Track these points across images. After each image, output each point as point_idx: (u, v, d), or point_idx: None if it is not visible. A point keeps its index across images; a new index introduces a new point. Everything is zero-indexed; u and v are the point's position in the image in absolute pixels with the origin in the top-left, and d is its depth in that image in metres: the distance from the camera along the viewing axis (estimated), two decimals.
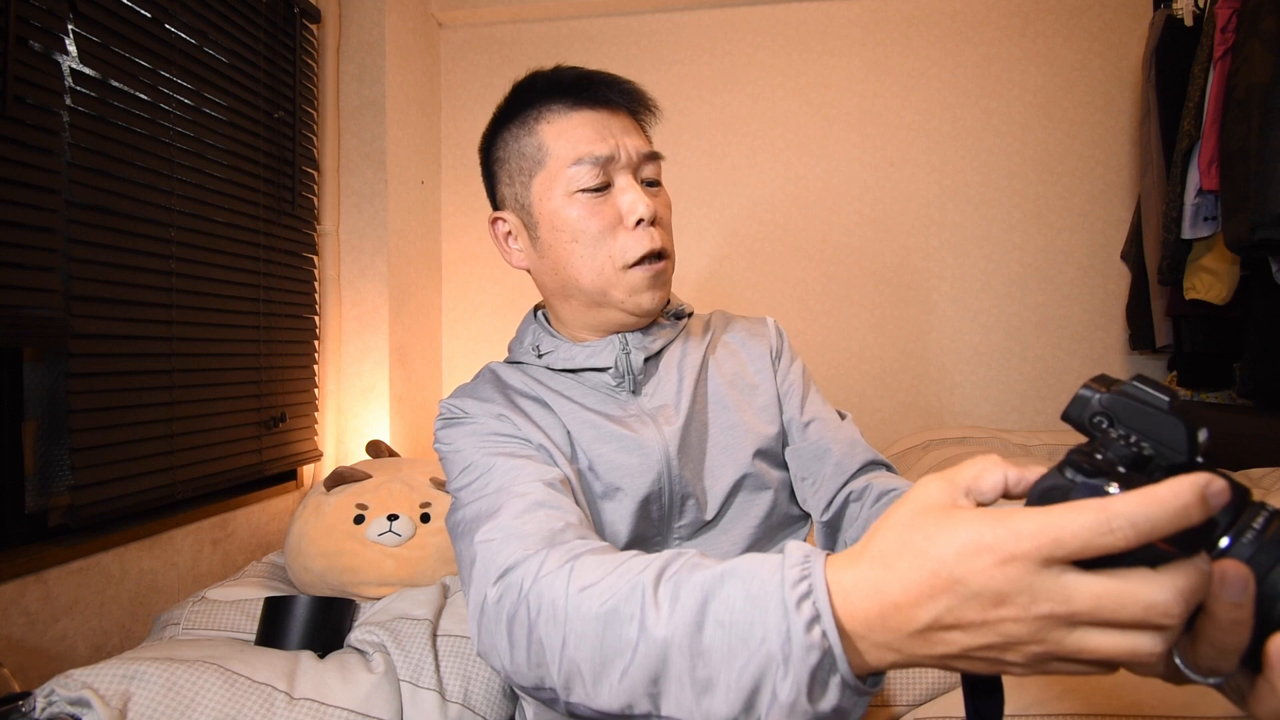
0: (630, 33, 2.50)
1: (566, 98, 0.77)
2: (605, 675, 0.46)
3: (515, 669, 0.53)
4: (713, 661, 0.41)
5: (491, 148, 0.83)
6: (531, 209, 0.78)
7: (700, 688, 0.42)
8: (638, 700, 0.45)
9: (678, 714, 0.43)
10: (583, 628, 0.47)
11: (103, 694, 0.91)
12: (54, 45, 1.28)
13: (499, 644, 0.54)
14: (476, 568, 0.59)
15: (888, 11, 2.39)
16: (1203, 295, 1.88)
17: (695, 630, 0.42)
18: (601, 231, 0.75)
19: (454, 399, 0.80)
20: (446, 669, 1.09)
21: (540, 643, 0.50)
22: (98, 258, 1.38)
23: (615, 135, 0.76)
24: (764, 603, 0.40)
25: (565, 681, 0.49)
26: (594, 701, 0.47)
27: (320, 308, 2.15)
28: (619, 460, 0.76)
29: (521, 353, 0.86)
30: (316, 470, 2.14)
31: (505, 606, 0.54)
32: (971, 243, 2.38)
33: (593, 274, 0.77)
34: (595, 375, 0.82)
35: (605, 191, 0.76)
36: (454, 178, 2.58)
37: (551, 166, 0.76)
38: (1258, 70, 1.56)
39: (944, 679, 1.04)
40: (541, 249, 0.80)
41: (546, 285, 0.83)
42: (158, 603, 1.53)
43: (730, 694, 0.40)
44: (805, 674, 0.38)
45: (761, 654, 0.39)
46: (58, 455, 1.42)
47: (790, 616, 0.38)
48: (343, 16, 2.21)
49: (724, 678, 0.41)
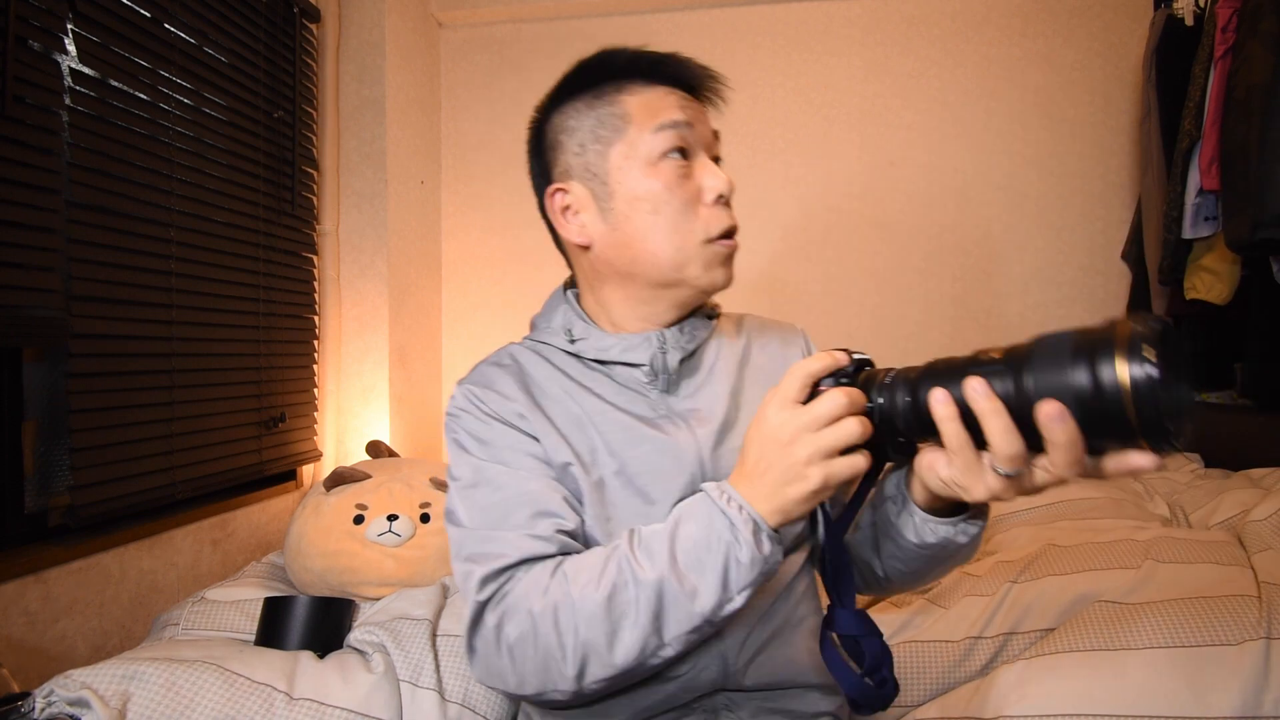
0: (630, 33, 2.50)
1: (646, 73, 0.76)
2: (618, 637, 0.59)
3: (522, 682, 0.62)
4: (693, 571, 0.59)
5: (553, 118, 0.80)
6: (608, 178, 0.75)
7: (690, 595, 0.58)
8: (648, 640, 0.59)
9: (679, 629, 0.59)
10: (593, 610, 0.59)
11: (102, 694, 0.91)
12: (53, 45, 1.28)
13: (503, 669, 0.63)
14: (471, 582, 0.66)
15: (888, 11, 2.39)
16: (1203, 295, 1.88)
17: (673, 562, 0.59)
18: (685, 204, 0.74)
19: (474, 386, 0.77)
20: (446, 669, 1.09)
21: (547, 646, 0.60)
22: (98, 258, 1.38)
23: (695, 108, 0.77)
24: (709, 520, 0.60)
25: (580, 664, 0.59)
26: (612, 665, 0.59)
27: (320, 308, 2.14)
28: (652, 463, 0.74)
29: (550, 334, 0.82)
30: (316, 470, 2.14)
31: (507, 631, 0.62)
32: (971, 243, 2.37)
33: (673, 247, 0.74)
34: (626, 371, 0.79)
35: (688, 163, 0.75)
36: (454, 178, 2.58)
37: (633, 134, 0.74)
38: (1258, 70, 1.56)
39: (944, 679, 1.04)
40: (615, 221, 0.76)
41: (611, 261, 0.77)
42: (157, 603, 1.53)
43: (711, 584, 0.58)
44: (750, 538, 0.58)
45: (720, 545, 0.59)
46: (57, 455, 1.42)
47: (729, 513, 0.59)
48: (343, 16, 2.21)
49: (704, 577, 0.58)
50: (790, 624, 0.77)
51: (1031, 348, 0.47)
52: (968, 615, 1.09)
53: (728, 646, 0.73)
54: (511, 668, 0.62)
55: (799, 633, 0.78)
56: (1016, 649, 1.01)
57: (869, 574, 0.78)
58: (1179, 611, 0.94)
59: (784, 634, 0.76)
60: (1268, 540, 1.08)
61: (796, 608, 0.78)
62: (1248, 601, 0.94)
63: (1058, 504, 1.52)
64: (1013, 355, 0.48)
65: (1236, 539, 1.12)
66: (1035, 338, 0.48)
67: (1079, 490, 1.56)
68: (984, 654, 1.03)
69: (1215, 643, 0.90)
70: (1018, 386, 0.47)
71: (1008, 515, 1.53)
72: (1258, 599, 0.94)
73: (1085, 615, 0.98)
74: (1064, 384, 0.44)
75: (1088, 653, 0.93)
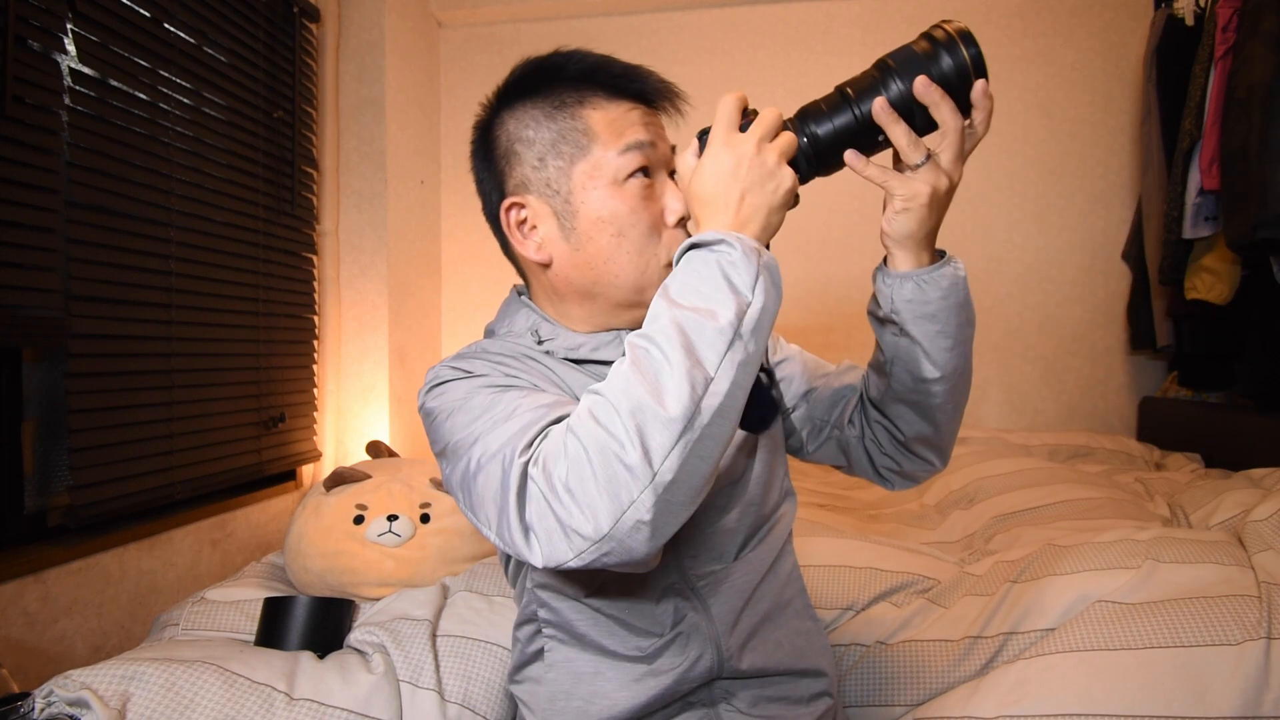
0: (630, 33, 2.50)
1: (608, 86, 0.74)
2: (661, 385, 0.54)
3: (595, 514, 0.53)
4: (698, 298, 0.57)
5: (505, 122, 0.76)
6: (571, 197, 0.73)
7: (708, 315, 0.56)
8: (692, 374, 0.54)
9: (714, 352, 0.55)
10: (625, 381, 0.55)
11: (102, 694, 0.91)
12: (53, 45, 1.28)
13: (570, 516, 0.54)
14: (506, 463, 0.58)
15: (888, 11, 2.39)
16: (1204, 295, 1.88)
17: (676, 305, 0.57)
18: (650, 227, 0.73)
19: (454, 362, 0.73)
20: (446, 669, 1.09)
21: (600, 444, 0.53)
22: (97, 258, 1.38)
23: (656, 124, 0.76)
24: (687, 261, 0.60)
25: (639, 436, 0.53)
26: (669, 419, 0.53)
27: (320, 308, 2.14)
28: None
29: (514, 336, 0.80)
30: (316, 470, 2.14)
31: (557, 470, 0.54)
32: (972, 242, 2.38)
33: (636, 271, 0.73)
34: (600, 368, 0.77)
35: (651, 182, 0.74)
36: (454, 177, 2.58)
37: (597, 153, 0.72)
38: (1258, 70, 1.56)
39: (943, 678, 1.04)
40: (578, 241, 0.73)
41: (571, 280, 0.75)
42: (157, 603, 1.53)
43: (720, 295, 0.57)
44: (734, 243, 0.58)
45: (709, 263, 0.58)
46: (57, 455, 1.42)
47: (701, 242, 0.60)
48: (342, 16, 2.21)
49: (712, 294, 0.57)
50: (779, 606, 0.79)
51: (889, 66, 0.65)
52: (967, 615, 1.09)
53: (720, 632, 0.74)
54: (576, 506, 0.53)
55: (787, 614, 0.80)
56: (1016, 649, 1.01)
57: (923, 394, 0.77)
58: (1179, 611, 0.94)
59: (774, 617, 0.78)
60: (1268, 540, 1.07)
61: (783, 589, 0.80)
62: (1248, 601, 0.94)
63: (1058, 504, 1.52)
64: (883, 70, 0.65)
65: (1236, 539, 1.12)
66: (878, 62, 0.66)
67: (1079, 490, 1.56)
68: (983, 654, 1.03)
69: (1215, 643, 0.90)
70: (897, 89, 0.64)
71: (1008, 515, 1.53)
72: (1258, 599, 0.94)
73: (1085, 615, 0.98)
74: (928, 71, 0.64)
75: (1087, 653, 0.92)
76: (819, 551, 1.29)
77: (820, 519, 1.55)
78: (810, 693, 0.79)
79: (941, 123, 0.64)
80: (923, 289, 0.70)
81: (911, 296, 0.71)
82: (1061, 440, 2.10)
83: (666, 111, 0.78)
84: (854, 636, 1.13)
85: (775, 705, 0.77)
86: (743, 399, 0.57)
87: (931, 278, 0.70)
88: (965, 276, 0.73)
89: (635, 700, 0.72)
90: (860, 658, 1.10)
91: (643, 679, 0.72)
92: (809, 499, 1.80)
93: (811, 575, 1.23)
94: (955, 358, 0.75)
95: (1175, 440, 2.10)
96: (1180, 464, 1.95)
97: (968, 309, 0.75)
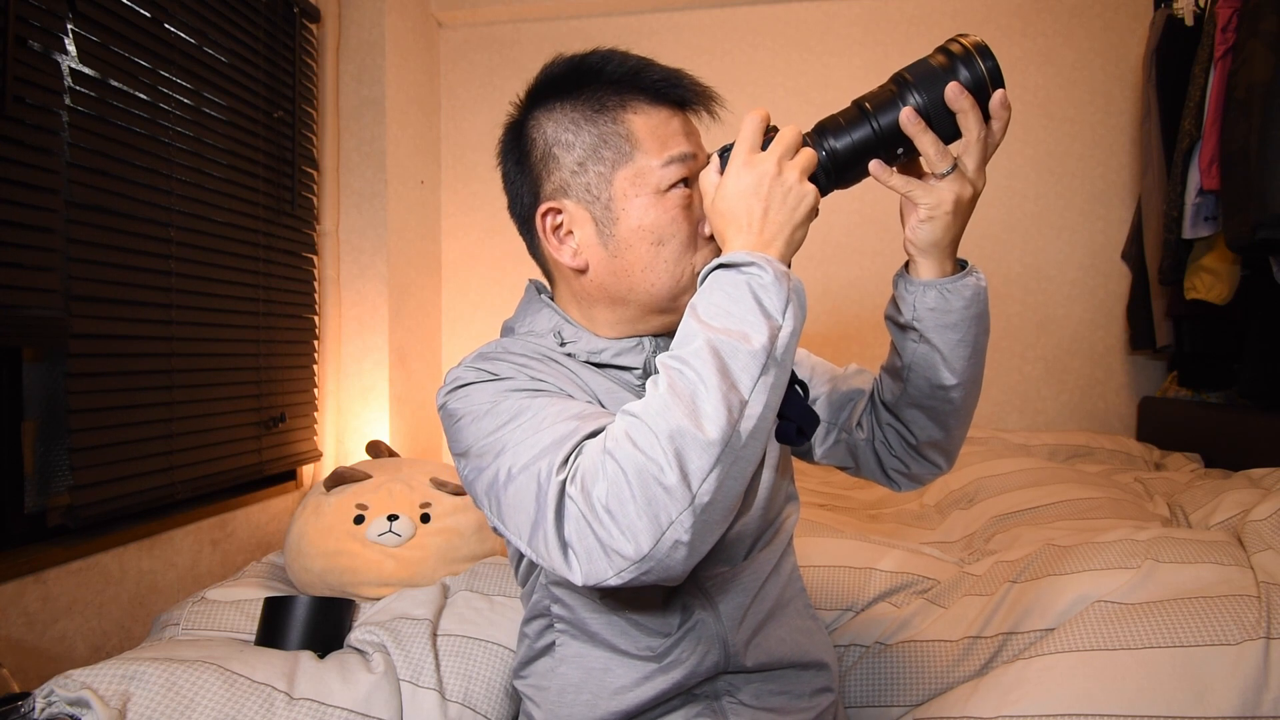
0: (630, 33, 2.50)
1: (649, 91, 0.73)
2: (699, 409, 0.54)
3: (636, 535, 0.53)
4: (730, 320, 0.58)
5: (541, 122, 0.75)
6: (612, 205, 0.72)
7: (740, 338, 0.57)
8: (728, 397, 0.55)
9: (749, 376, 0.56)
10: (662, 404, 0.55)
11: (102, 694, 0.91)
12: (53, 45, 1.28)
13: (610, 537, 0.54)
14: (542, 476, 0.58)
15: (888, 11, 2.39)
16: (1203, 295, 1.88)
17: (708, 328, 0.58)
18: (689, 238, 0.73)
19: (478, 363, 0.71)
20: (446, 669, 1.09)
21: (638, 467, 0.54)
22: (97, 258, 1.38)
23: (695, 134, 0.76)
24: (714, 281, 0.61)
25: (677, 459, 0.53)
26: (708, 442, 0.54)
27: (320, 308, 2.14)
28: None
29: (535, 336, 0.78)
30: (316, 470, 2.14)
31: (596, 491, 0.54)
32: (971, 243, 2.37)
33: (671, 280, 0.73)
34: (621, 373, 0.77)
35: (689, 192, 0.73)
36: (454, 177, 2.58)
37: (640, 161, 0.71)
38: (1258, 70, 1.56)
39: (942, 678, 1.04)
40: (616, 248, 0.73)
41: (605, 286, 0.74)
42: (157, 603, 1.53)
43: (753, 319, 0.57)
44: (763, 266, 0.59)
45: (740, 285, 0.59)
46: (57, 455, 1.42)
47: (729, 262, 0.61)
48: (342, 16, 2.21)
49: (743, 317, 0.58)
50: (781, 603, 0.81)
51: (907, 80, 0.66)
52: (966, 615, 1.09)
53: (727, 630, 0.75)
54: (616, 527, 0.54)
55: (789, 613, 0.81)
56: (1015, 649, 1.01)
57: (939, 400, 0.78)
58: (1179, 611, 0.94)
59: (777, 614, 0.80)
60: (1268, 540, 1.07)
61: (785, 589, 0.82)
62: (1248, 601, 0.94)
63: (1058, 504, 1.52)
64: (901, 84, 0.66)
65: (1236, 539, 1.12)
66: (894, 77, 0.68)
67: (1079, 490, 1.56)
68: (983, 654, 1.03)
69: (1215, 642, 0.90)
70: (923, 99, 0.65)
71: (1008, 515, 1.53)
72: (1258, 599, 0.94)
73: (1085, 615, 0.98)
74: (947, 84, 0.64)
75: (1087, 653, 0.92)
76: (819, 551, 1.29)
77: (820, 519, 1.55)
78: (813, 687, 0.80)
79: (966, 131, 0.65)
80: (946, 298, 0.71)
81: (935, 305, 0.72)
82: (1061, 440, 2.10)
83: (700, 116, 0.78)
84: (854, 637, 1.13)
85: (778, 699, 0.78)
86: (773, 419, 0.59)
87: (955, 287, 0.71)
88: (986, 287, 0.74)
89: (643, 696, 0.73)
90: (860, 658, 1.10)
91: (651, 676, 0.73)
92: (809, 499, 1.80)
93: (811, 575, 1.23)
94: (973, 366, 0.77)
95: (1175, 440, 2.10)
96: (1180, 464, 1.95)
97: (986, 319, 0.76)
